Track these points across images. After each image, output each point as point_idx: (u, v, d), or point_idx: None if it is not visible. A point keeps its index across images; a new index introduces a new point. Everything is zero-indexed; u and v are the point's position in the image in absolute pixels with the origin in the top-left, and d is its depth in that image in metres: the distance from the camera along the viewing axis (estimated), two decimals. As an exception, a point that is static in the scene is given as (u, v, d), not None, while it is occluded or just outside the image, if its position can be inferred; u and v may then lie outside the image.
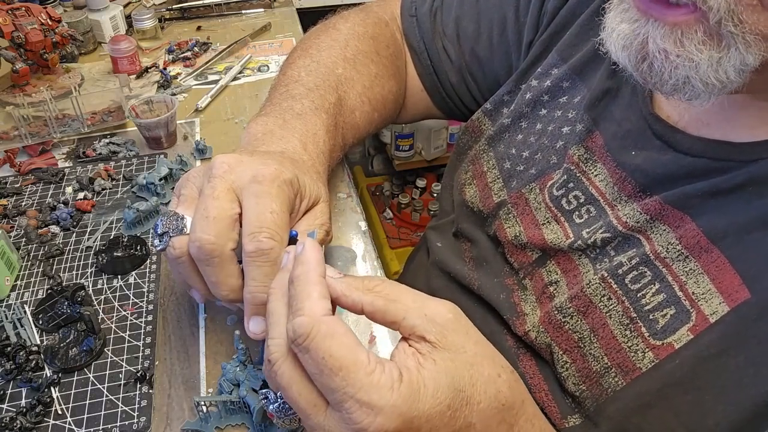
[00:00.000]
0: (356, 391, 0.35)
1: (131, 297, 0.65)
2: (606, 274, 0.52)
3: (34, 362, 0.57)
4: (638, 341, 0.49)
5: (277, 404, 0.42)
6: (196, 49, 1.14)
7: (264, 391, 0.43)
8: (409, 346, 0.39)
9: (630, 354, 0.49)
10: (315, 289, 0.39)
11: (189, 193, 0.52)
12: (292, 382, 0.38)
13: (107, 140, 0.89)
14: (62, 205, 0.77)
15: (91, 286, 0.66)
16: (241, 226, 0.49)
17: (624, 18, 0.44)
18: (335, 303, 0.41)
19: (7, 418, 0.52)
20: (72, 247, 0.71)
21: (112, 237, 0.72)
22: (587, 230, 0.55)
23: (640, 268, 0.50)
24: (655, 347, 0.47)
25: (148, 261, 0.69)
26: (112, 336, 0.60)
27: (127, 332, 0.61)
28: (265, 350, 0.41)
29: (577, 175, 0.59)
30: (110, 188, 0.81)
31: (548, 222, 0.60)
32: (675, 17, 0.40)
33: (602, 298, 0.52)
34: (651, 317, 0.48)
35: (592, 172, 0.58)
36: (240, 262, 0.49)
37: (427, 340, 0.38)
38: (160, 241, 0.51)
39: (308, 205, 0.54)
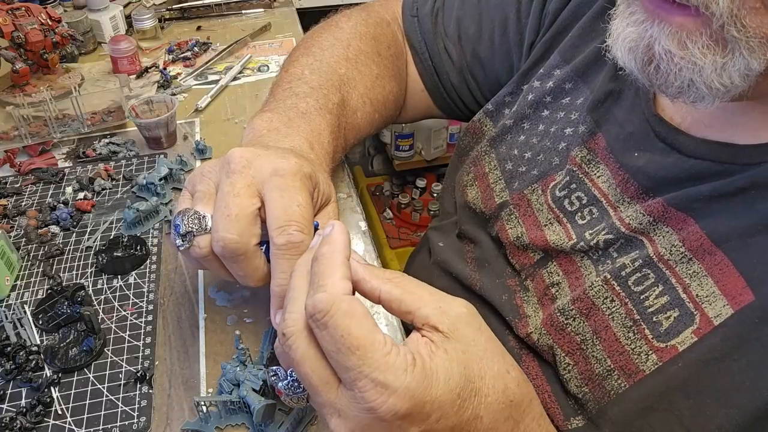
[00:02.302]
0: (372, 371, 0.36)
1: (131, 297, 0.65)
2: (609, 276, 0.51)
3: (34, 362, 0.57)
4: (641, 343, 0.48)
5: (286, 381, 0.42)
6: (196, 49, 1.14)
7: (274, 368, 0.43)
8: (422, 336, 0.39)
9: (633, 356, 0.49)
10: (339, 269, 0.39)
11: (205, 189, 0.51)
12: (306, 357, 0.39)
13: (107, 140, 0.89)
14: (62, 205, 0.77)
15: (91, 286, 0.66)
16: (262, 220, 0.49)
17: (630, 22, 0.44)
18: (355, 287, 0.42)
19: (7, 418, 0.52)
20: (72, 247, 0.71)
21: (112, 237, 0.72)
22: (590, 232, 0.55)
23: (643, 270, 0.50)
24: (659, 350, 0.47)
25: (148, 261, 0.69)
26: (112, 336, 0.60)
27: (127, 332, 0.61)
28: (280, 324, 0.41)
29: (580, 176, 0.59)
30: (110, 188, 0.80)
31: (550, 223, 0.60)
32: (681, 18, 0.40)
33: (605, 300, 0.51)
34: (654, 319, 0.48)
35: (595, 174, 0.57)
36: (263, 243, 0.49)
37: (440, 330, 0.39)
38: (182, 241, 0.50)
39: (322, 201, 0.54)
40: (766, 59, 0.39)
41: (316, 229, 0.49)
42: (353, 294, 0.40)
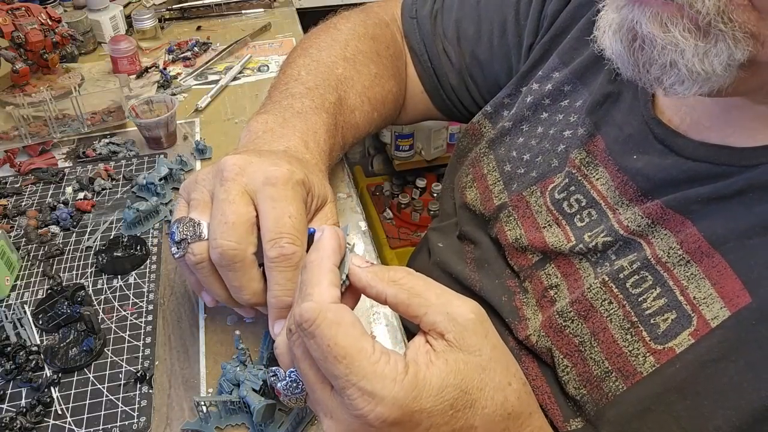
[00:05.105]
0: (359, 380, 0.36)
1: (131, 297, 0.65)
2: (607, 278, 0.52)
3: (34, 362, 0.57)
4: (639, 345, 0.49)
5: (285, 382, 0.43)
6: (196, 49, 1.14)
7: (273, 368, 0.44)
8: (426, 342, 0.39)
9: (631, 358, 0.49)
10: (326, 276, 0.40)
11: (200, 197, 0.51)
12: (306, 355, 0.39)
13: (107, 140, 0.89)
14: (62, 205, 0.77)
15: (91, 286, 0.66)
16: (258, 229, 0.49)
17: (612, 9, 0.45)
18: (362, 293, 0.42)
19: (7, 418, 0.52)
20: (72, 247, 0.71)
21: (112, 237, 0.72)
22: (589, 234, 0.55)
23: (641, 272, 0.50)
24: (656, 352, 0.47)
25: (148, 261, 0.69)
26: (112, 336, 0.60)
27: (127, 332, 0.61)
28: (288, 319, 0.41)
29: (579, 178, 0.59)
30: (110, 188, 0.81)
31: (549, 225, 0.60)
32: (661, 6, 0.40)
33: (603, 302, 0.52)
34: (652, 321, 0.48)
35: (594, 176, 0.58)
36: (260, 265, 0.50)
37: (445, 338, 0.39)
38: (177, 249, 0.50)
39: (317, 204, 0.54)
40: (749, 50, 0.39)
41: (312, 235, 0.49)
42: (357, 301, 0.40)
